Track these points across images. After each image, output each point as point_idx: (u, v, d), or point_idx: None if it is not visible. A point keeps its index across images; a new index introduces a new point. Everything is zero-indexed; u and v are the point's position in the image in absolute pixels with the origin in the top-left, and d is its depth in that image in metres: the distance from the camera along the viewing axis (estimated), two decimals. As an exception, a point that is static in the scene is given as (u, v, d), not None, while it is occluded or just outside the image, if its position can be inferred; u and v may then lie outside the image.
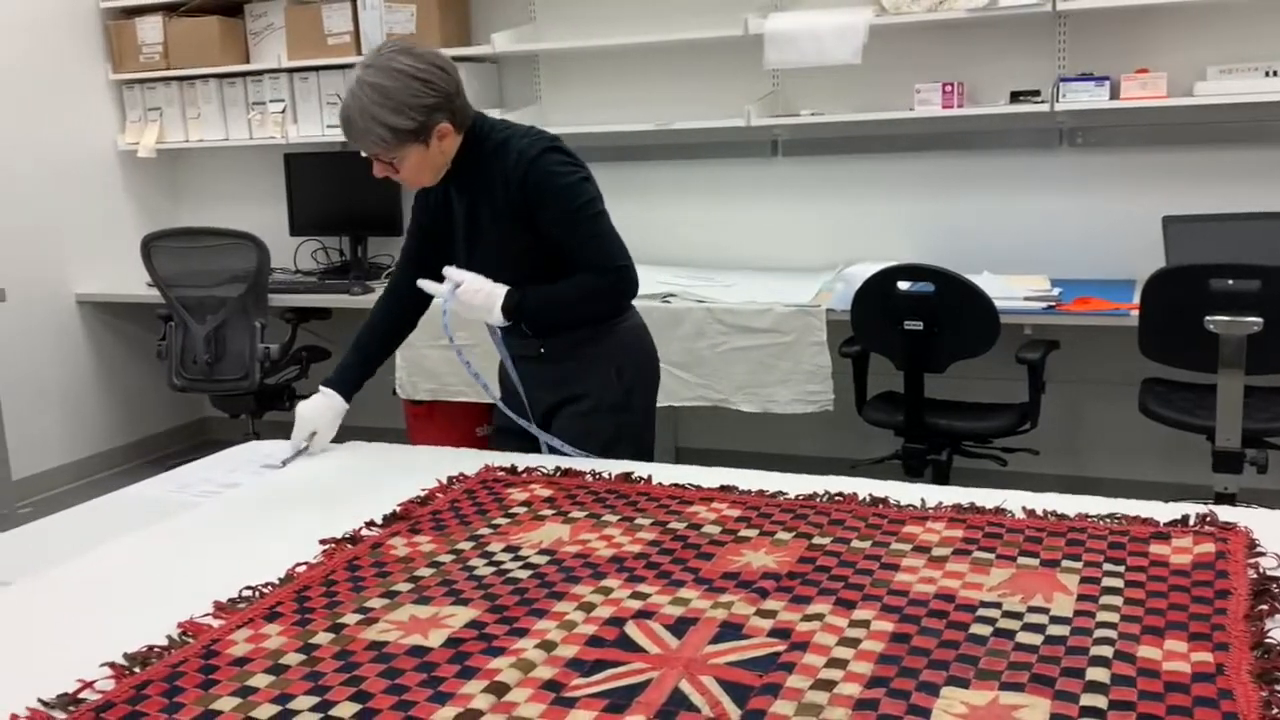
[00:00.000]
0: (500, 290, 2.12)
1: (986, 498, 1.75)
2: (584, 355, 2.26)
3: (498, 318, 2.13)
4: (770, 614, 1.38)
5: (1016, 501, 1.72)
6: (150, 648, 1.36)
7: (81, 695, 1.25)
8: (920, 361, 3.28)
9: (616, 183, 4.27)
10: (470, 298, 2.11)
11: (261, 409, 4.36)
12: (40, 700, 1.23)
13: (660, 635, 1.34)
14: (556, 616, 1.40)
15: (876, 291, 3.27)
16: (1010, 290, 3.40)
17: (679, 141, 4.14)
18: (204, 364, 4.21)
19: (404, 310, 2.35)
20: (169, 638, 1.39)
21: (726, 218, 4.20)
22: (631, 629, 1.36)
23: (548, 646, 1.31)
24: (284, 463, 2.16)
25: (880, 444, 3.63)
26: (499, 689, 1.22)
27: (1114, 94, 3.55)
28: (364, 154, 2.05)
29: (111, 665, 1.31)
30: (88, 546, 1.73)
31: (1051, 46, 3.71)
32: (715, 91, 4.05)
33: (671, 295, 3.75)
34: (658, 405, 2.40)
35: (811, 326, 3.55)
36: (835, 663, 1.25)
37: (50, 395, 4.54)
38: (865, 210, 4.03)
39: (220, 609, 1.47)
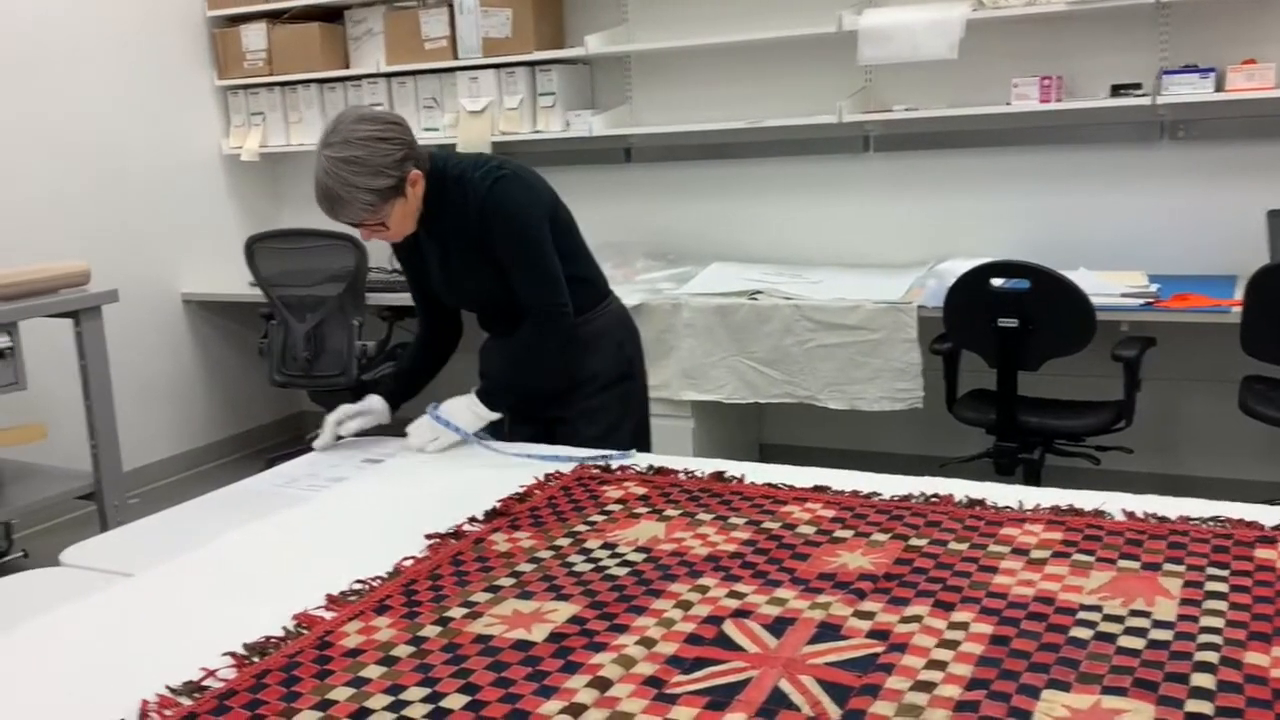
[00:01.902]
0: (468, 407, 2.25)
1: (1085, 499, 1.74)
2: (584, 338, 2.37)
3: (486, 413, 2.25)
4: (868, 615, 1.39)
5: (1116, 504, 1.71)
6: (268, 638, 1.42)
7: (205, 683, 1.32)
8: (1013, 359, 3.24)
9: (706, 181, 4.34)
10: (449, 435, 2.23)
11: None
12: (168, 687, 1.30)
13: (758, 635, 1.36)
14: (655, 614, 1.42)
15: (970, 288, 3.24)
16: (1107, 287, 3.34)
17: (770, 139, 4.15)
18: (303, 361, 4.33)
19: (441, 352, 2.51)
20: (285, 629, 1.45)
21: (817, 215, 4.20)
22: (729, 628, 1.38)
23: (648, 643, 1.34)
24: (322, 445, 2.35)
25: (969, 442, 3.59)
26: (602, 684, 1.25)
27: (1219, 86, 3.46)
28: (348, 223, 2.14)
29: (232, 655, 1.37)
30: (204, 539, 1.80)
31: (1153, 38, 3.63)
32: (807, 88, 4.05)
33: (758, 293, 3.76)
34: (742, 401, 2.36)
35: (902, 323, 3.53)
36: (934, 664, 1.26)
37: (158, 391, 4.72)
38: (958, 206, 3.99)
39: (333, 601, 1.53)
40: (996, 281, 3.20)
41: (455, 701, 1.24)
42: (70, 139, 4.26)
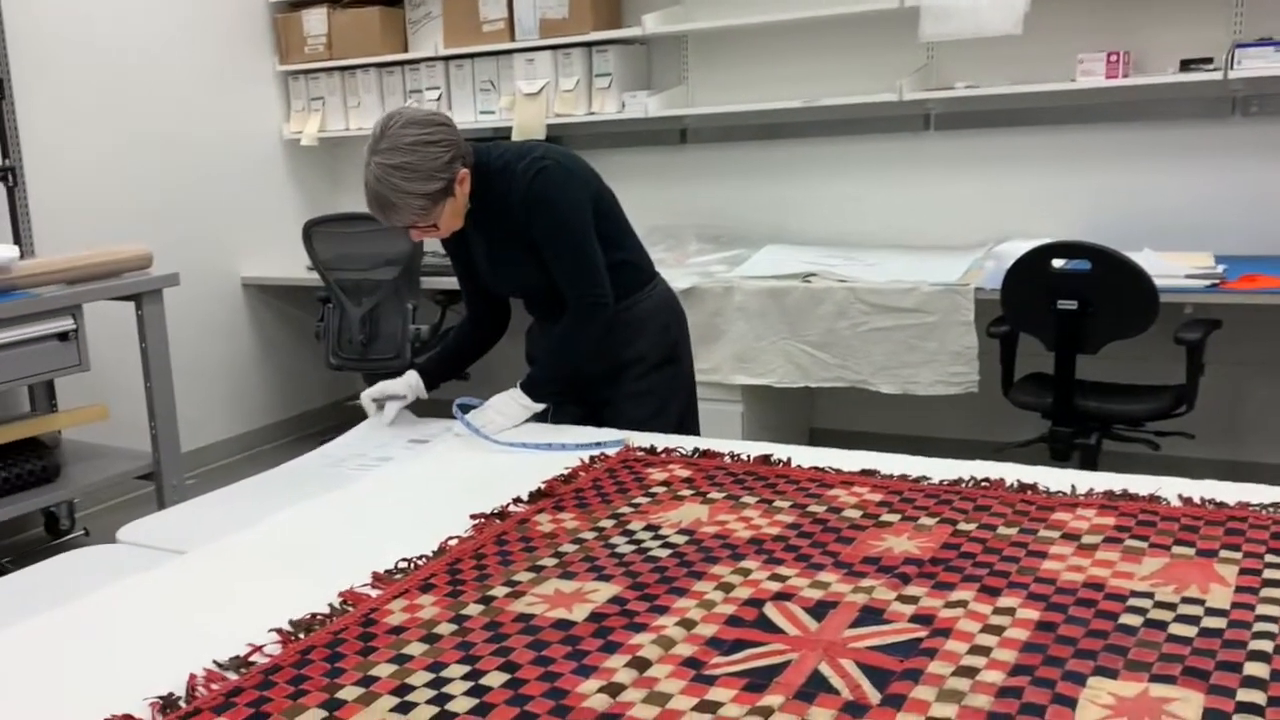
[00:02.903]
0: (513, 400, 2.26)
1: (1140, 484, 1.70)
2: (630, 321, 2.35)
3: (531, 404, 2.28)
4: (912, 599, 1.38)
5: (1172, 489, 1.67)
6: (314, 615, 1.44)
7: (252, 659, 1.34)
8: (1072, 342, 3.18)
9: (762, 162, 4.30)
10: (495, 426, 2.22)
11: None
12: (215, 662, 1.32)
13: (799, 617, 1.35)
14: (696, 595, 1.42)
15: (1029, 270, 3.18)
16: (1171, 268, 3.25)
17: (827, 118, 4.10)
18: (359, 344, 4.37)
19: (486, 338, 2.52)
20: (331, 606, 1.47)
21: (875, 196, 4.14)
22: (770, 610, 1.37)
23: (687, 625, 1.34)
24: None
25: (1025, 427, 3.53)
26: (640, 664, 1.25)
27: (1295, 60, 3.34)
28: (399, 226, 2.15)
29: (279, 631, 1.39)
30: (255, 518, 1.83)
31: (1227, 12, 3.52)
32: (866, 66, 3.99)
33: (812, 275, 3.72)
34: (793, 385, 2.37)
35: (959, 306, 3.48)
36: (978, 650, 1.24)
37: (217, 373, 4.80)
38: (1020, 186, 3.91)
39: (378, 579, 1.54)
40: (1057, 262, 3.14)
41: (495, 679, 1.24)
42: (135, 125, 4.34)
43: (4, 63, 3.77)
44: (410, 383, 2.43)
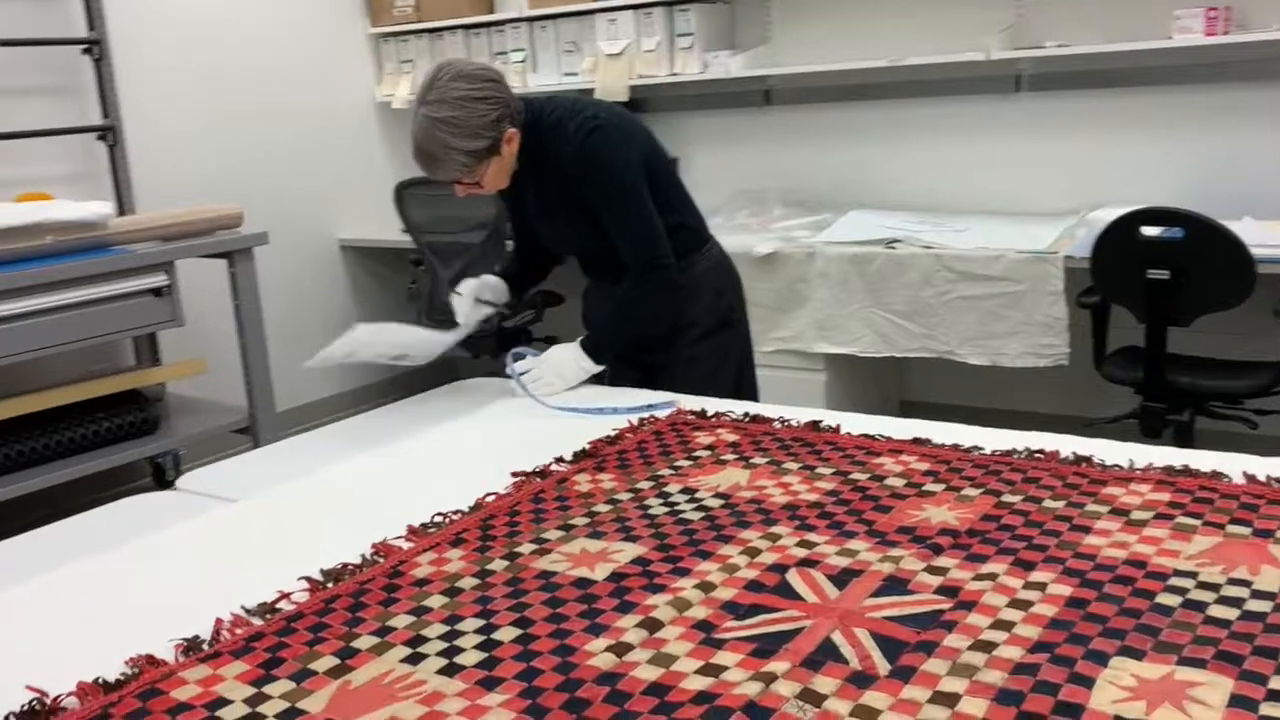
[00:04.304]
0: (574, 360, 2.26)
1: (1202, 460, 1.62)
2: (685, 286, 2.32)
3: (591, 365, 2.27)
4: (941, 571, 1.33)
5: (1237, 465, 1.58)
6: (345, 565, 1.46)
7: (279, 605, 1.36)
8: (1163, 313, 3.04)
9: (847, 125, 4.21)
10: (551, 387, 2.22)
11: (501, 349, 4.56)
12: (243, 607, 1.35)
13: (821, 585, 1.32)
14: (720, 559, 1.40)
15: (1118, 237, 3.05)
16: (1272, 237, 3.08)
17: (913, 79, 3.98)
18: (448, 306, 4.42)
19: (521, 287, 2.53)
20: (363, 556, 1.49)
21: (964, 159, 4.02)
22: (793, 576, 1.34)
23: (706, 588, 1.32)
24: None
25: (1119, 402, 3.40)
26: (652, 625, 1.24)
27: None
28: (444, 180, 2.14)
29: (308, 579, 1.42)
30: (308, 470, 1.87)
31: (1339, -38, 3.31)
32: (953, 24, 3.85)
33: (896, 241, 3.64)
34: (877, 354, 2.42)
35: (1047, 275, 3.36)
36: (1001, 624, 1.20)
37: (315, 333, 4.87)
38: (1116, 150, 3.75)
39: (412, 532, 1.56)
40: (1147, 230, 3.00)
41: (506, 634, 1.25)
42: (231, 88, 4.44)
43: (102, 24, 3.89)
44: (502, 285, 2.45)
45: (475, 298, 2.38)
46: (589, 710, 1.09)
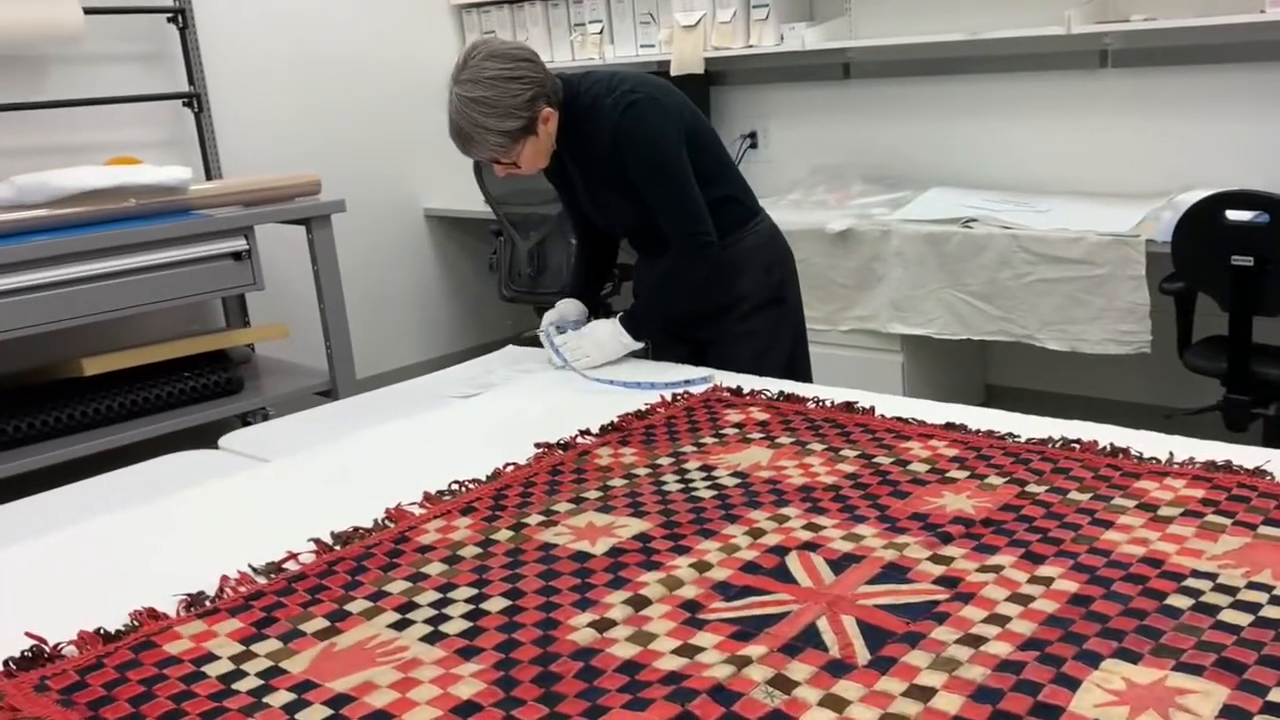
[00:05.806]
0: (613, 335, 2.23)
1: (1248, 456, 1.54)
2: (732, 259, 2.28)
3: (630, 341, 2.24)
4: (944, 560, 1.29)
5: (1285, 464, 1.50)
6: (355, 529, 1.48)
7: (285, 565, 1.39)
8: (1248, 302, 2.90)
9: (928, 99, 4.09)
10: (590, 360, 2.22)
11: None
12: (250, 566, 1.38)
13: (818, 569, 1.29)
14: (723, 539, 1.38)
15: (1201, 222, 2.91)
16: (1372, 224, 2.91)
17: (992, 53, 3.84)
18: (527, 277, 4.46)
19: (599, 272, 2.53)
20: (375, 521, 1.51)
21: (1044, 137, 3.87)
22: (792, 559, 1.32)
23: (701, 567, 1.30)
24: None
25: (1204, 393, 3.26)
26: (639, 602, 1.23)
27: None
28: (480, 159, 2.10)
29: (316, 541, 1.44)
30: (340, 435, 1.90)
31: None
32: (1035, -4, 3.71)
33: (973, 220, 3.53)
34: (953, 337, 2.43)
35: (1129, 259, 3.23)
36: (995, 619, 1.16)
37: (400, 301, 4.99)
38: (1206, 129, 3.57)
39: (427, 499, 1.57)
40: (1232, 214, 2.86)
41: (495, 605, 1.25)
42: (316, 59, 4.51)
43: (188, -7, 3.99)
44: (581, 309, 2.44)
45: (556, 327, 2.35)
46: (558, 685, 1.08)
